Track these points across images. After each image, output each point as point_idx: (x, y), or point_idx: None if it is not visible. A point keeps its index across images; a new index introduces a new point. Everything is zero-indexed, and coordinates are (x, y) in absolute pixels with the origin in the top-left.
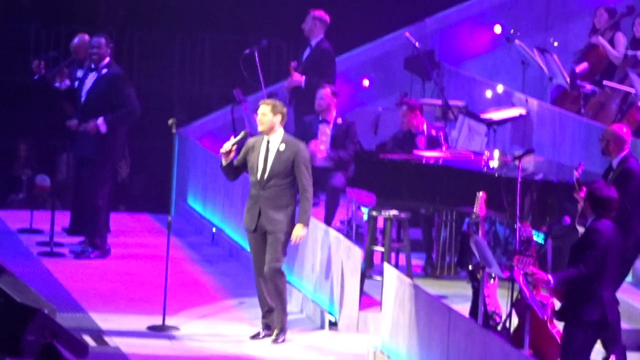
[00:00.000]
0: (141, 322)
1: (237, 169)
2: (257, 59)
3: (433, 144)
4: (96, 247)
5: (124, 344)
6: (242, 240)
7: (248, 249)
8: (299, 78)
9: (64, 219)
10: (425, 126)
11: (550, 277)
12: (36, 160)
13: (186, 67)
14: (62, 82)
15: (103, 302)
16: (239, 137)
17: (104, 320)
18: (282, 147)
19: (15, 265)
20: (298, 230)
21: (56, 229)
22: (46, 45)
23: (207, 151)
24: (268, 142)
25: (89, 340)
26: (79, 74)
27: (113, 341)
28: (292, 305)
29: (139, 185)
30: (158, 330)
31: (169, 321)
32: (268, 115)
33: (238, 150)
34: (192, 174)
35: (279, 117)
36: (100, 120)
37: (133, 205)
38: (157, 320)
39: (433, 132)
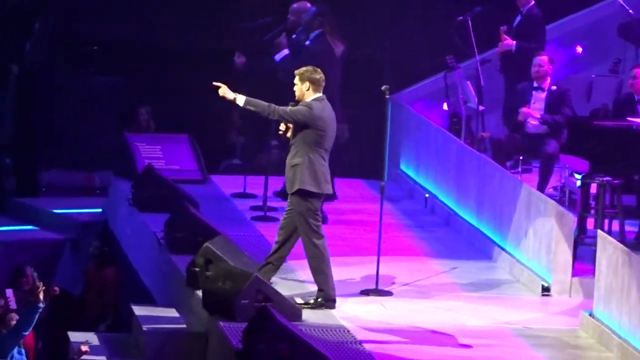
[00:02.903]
0: (354, 287)
1: None
2: (470, 25)
3: None
4: None
5: (338, 308)
6: (456, 206)
7: (462, 215)
8: (509, 42)
9: (276, 183)
10: None
11: None
12: (251, 127)
13: (397, 33)
14: (279, 52)
15: None
16: None
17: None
18: None
19: (230, 229)
20: (227, 90)
21: (268, 193)
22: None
23: (420, 117)
24: None
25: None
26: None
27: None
28: (504, 272)
29: (352, 151)
30: (372, 295)
31: (382, 286)
32: (298, 84)
33: None
34: (405, 140)
35: (307, 84)
36: None
37: (346, 172)
38: (370, 285)
39: None
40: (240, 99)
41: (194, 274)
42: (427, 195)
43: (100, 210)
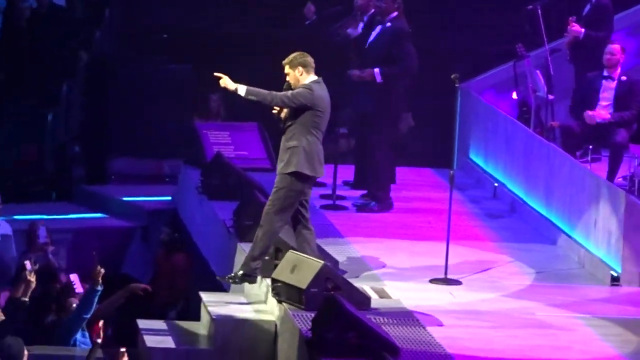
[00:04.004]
0: (423, 276)
1: None
2: (539, 14)
3: None
4: (379, 200)
5: (406, 297)
6: (524, 195)
7: (531, 203)
8: (578, 29)
9: (345, 172)
10: None
11: None
12: None
13: (467, 21)
14: (355, 28)
15: (386, 255)
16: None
17: (386, 274)
18: None
19: None
20: (228, 80)
21: (337, 182)
22: None
23: (489, 106)
24: None
25: (370, 292)
26: (361, 25)
27: (395, 294)
28: (573, 261)
29: (420, 140)
30: (440, 284)
31: (451, 275)
32: (291, 73)
33: None
34: (474, 129)
35: (299, 69)
36: (377, 70)
37: (415, 160)
38: (438, 274)
39: None
40: (242, 89)
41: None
42: (495, 184)
43: (169, 198)
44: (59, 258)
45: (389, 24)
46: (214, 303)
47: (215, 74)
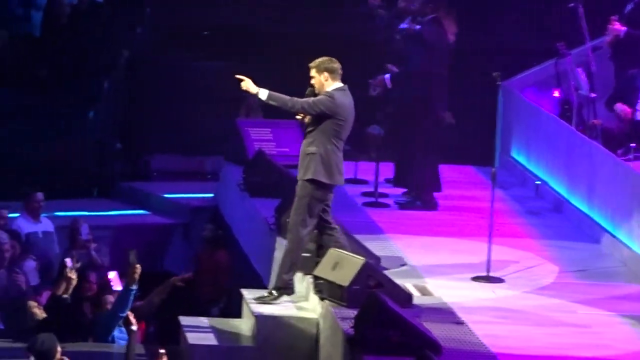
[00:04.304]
0: (465, 273)
1: None
2: (581, 12)
3: None
4: (421, 198)
5: (448, 295)
6: (567, 193)
7: (573, 201)
8: (618, 27)
9: (386, 170)
10: None
11: None
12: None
13: (508, 19)
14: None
15: (427, 253)
16: (306, 97)
17: (428, 271)
18: None
19: (341, 215)
20: (250, 83)
21: (380, 179)
22: None
23: (531, 104)
24: None
25: (412, 290)
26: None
27: (437, 291)
28: (615, 259)
29: (462, 138)
30: (482, 282)
31: (493, 272)
32: (316, 77)
33: None
34: (516, 127)
35: (325, 74)
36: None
37: (457, 158)
38: (481, 272)
39: None
40: (263, 93)
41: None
42: (538, 182)
43: (211, 195)
44: (101, 255)
45: (417, 27)
46: (255, 300)
47: (237, 76)
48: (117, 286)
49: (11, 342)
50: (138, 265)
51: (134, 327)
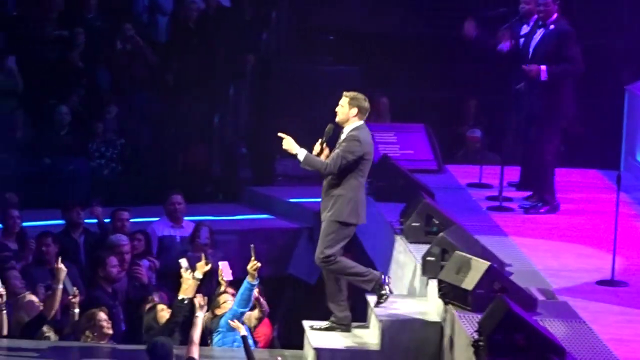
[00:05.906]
0: (590, 278)
1: None
2: None
3: None
4: (546, 202)
5: (572, 299)
6: None
7: None
8: None
9: (511, 173)
10: None
11: None
12: (485, 117)
13: (633, 22)
14: (504, 43)
15: (552, 257)
16: (325, 135)
17: (553, 275)
18: (342, 137)
19: (465, 219)
20: (292, 142)
21: (504, 183)
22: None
23: None
24: (340, 133)
25: (537, 294)
26: (524, 29)
27: (561, 295)
28: None
29: (587, 141)
30: (607, 286)
31: (618, 277)
32: (345, 107)
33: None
34: None
35: (354, 110)
36: (543, 67)
37: (582, 162)
38: (605, 276)
39: None
40: (301, 155)
41: (430, 263)
42: None
43: None
44: (215, 259)
45: (552, 27)
46: (380, 305)
47: (280, 134)
48: (228, 276)
49: (132, 345)
50: (257, 262)
51: (243, 333)
